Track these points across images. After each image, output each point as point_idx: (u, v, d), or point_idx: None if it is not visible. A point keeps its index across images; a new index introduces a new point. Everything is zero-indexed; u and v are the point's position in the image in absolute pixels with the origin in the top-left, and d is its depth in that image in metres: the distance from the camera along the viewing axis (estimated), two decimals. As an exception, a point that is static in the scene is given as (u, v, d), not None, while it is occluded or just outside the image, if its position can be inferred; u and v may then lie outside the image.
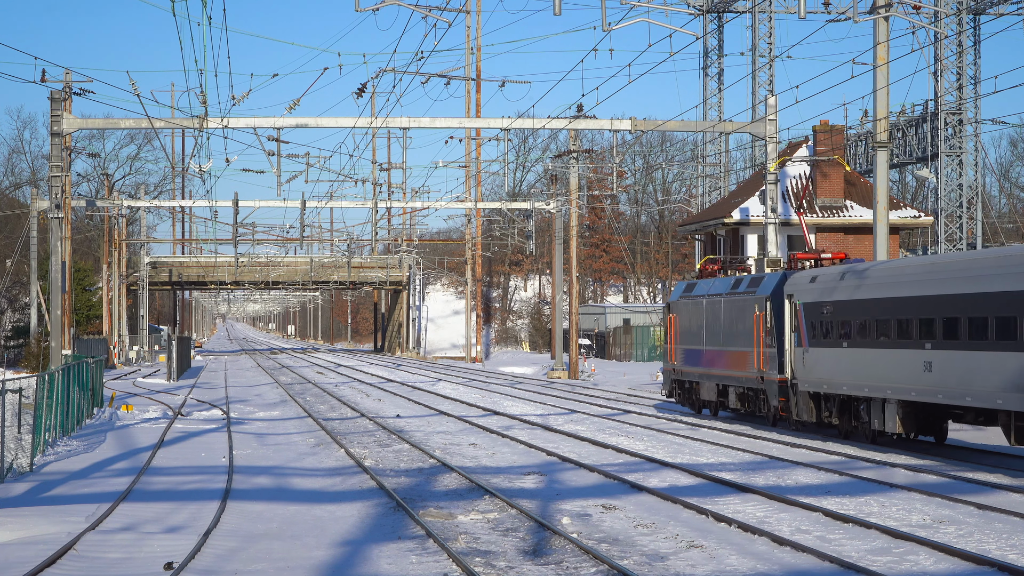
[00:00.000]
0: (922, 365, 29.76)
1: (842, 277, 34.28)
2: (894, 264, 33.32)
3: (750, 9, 79.97)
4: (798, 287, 36.53)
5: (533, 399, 54.66)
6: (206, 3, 36.40)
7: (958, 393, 28.40)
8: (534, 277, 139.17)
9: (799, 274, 37.18)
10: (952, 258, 30.86)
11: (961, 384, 28.33)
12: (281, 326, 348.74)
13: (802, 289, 36.20)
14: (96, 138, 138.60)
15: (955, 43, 70.56)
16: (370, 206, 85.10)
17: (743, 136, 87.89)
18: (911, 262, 32.72)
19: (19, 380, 31.42)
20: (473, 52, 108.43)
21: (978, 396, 27.64)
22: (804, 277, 36.49)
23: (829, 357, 34.35)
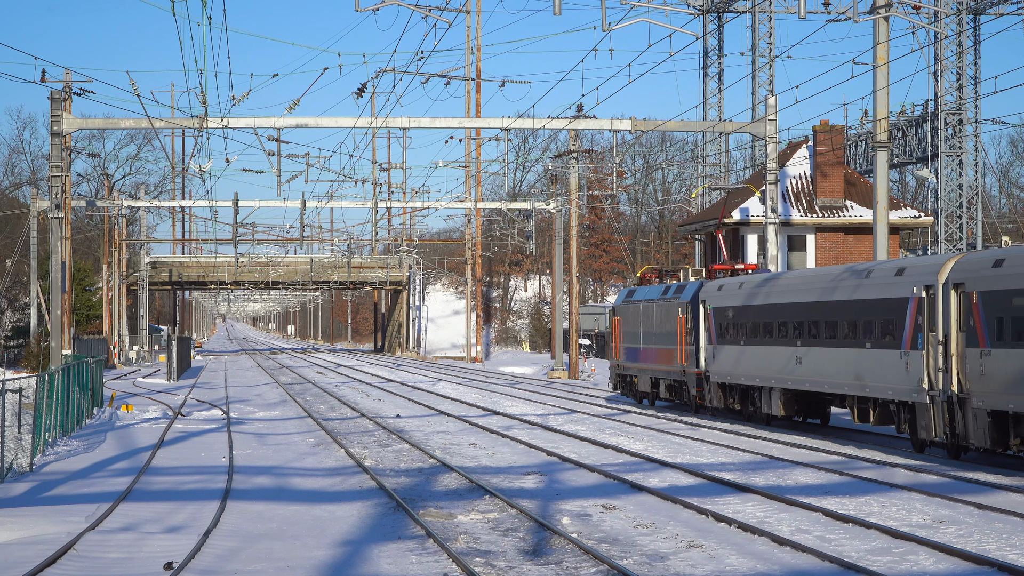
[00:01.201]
0: (795, 359, 36.03)
1: (740, 286, 40.47)
2: (777, 275, 39.63)
3: (750, 9, 79.98)
4: (709, 294, 42.63)
5: (533, 399, 54.66)
6: (206, 3, 36.41)
7: (819, 382, 34.81)
8: (534, 277, 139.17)
9: (711, 283, 43.29)
10: (816, 272, 37.52)
11: (822, 375, 34.61)
12: (281, 326, 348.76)
13: (712, 296, 42.33)
14: (96, 138, 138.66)
15: (955, 43, 70.57)
16: (370, 206, 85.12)
17: (743, 136, 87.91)
18: (790, 274, 39.59)
19: (19, 380, 31.42)
20: (473, 52, 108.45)
21: (833, 384, 34.09)
22: (714, 285, 42.73)
23: (731, 353, 40.45)
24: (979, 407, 27.50)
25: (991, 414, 27.17)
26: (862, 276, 32.91)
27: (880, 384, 31.62)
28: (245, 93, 51.87)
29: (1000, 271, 27.05)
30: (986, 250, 31.01)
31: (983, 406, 27.35)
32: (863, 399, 32.94)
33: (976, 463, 29.09)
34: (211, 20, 47.92)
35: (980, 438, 27.47)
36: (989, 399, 27.20)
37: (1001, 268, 27.03)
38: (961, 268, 28.58)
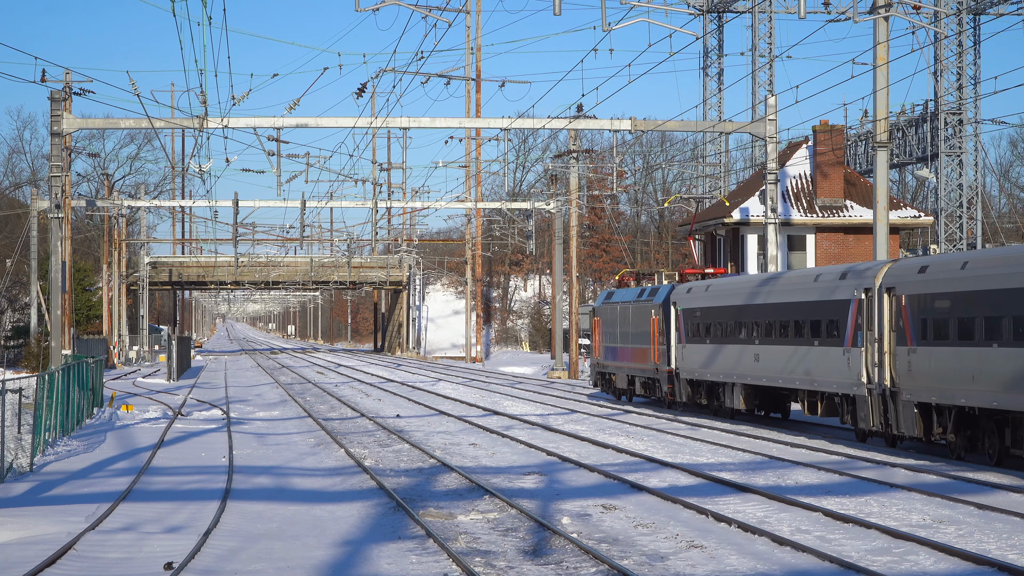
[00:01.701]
0: (754, 357, 38.85)
1: (707, 289, 43.39)
2: (739, 278, 43.01)
3: (750, 9, 79.97)
4: (679, 296, 45.36)
5: (533, 399, 54.67)
6: (206, 3, 36.41)
7: (775, 378, 37.61)
8: (534, 277, 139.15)
9: (681, 286, 45.97)
10: (773, 275, 40.72)
11: (777, 371, 37.38)
12: (281, 326, 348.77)
13: (682, 298, 45.10)
14: (96, 138, 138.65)
15: (955, 43, 70.57)
16: (370, 206, 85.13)
17: (743, 136, 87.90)
18: (749, 277, 42.43)
19: (19, 380, 31.42)
20: (473, 52, 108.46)
21: (786, 380, 36.87)
22: (684, 288, 45.40)
23: (699, 351, 43.32)
24: (908, 400, 30.44)
25: (918, 406, 30.10)
26: (811, 280, 35.98)
27: (826, 379, 34.41)
28: (245, 93, 51.88)
29: (924, 277, 30.05)
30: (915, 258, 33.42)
31: (911, 399, 30.30)
32: (812, 393, 35.81)
33: (910, 451, 31.72)
34: (211, 20, 47.91)
35: (909, 427, 30.40)
36: (916, 392, 30.12)
37: (925, 274, 30.07)
38: (892, 274, 31.54)
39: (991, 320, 27.27)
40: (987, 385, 27.54)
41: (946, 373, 28.99)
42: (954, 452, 29.49)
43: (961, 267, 28.85)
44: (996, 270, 27.57)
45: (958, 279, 28.78)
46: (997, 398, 27.17)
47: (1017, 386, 26.47)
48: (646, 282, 51.89)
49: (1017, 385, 26.47)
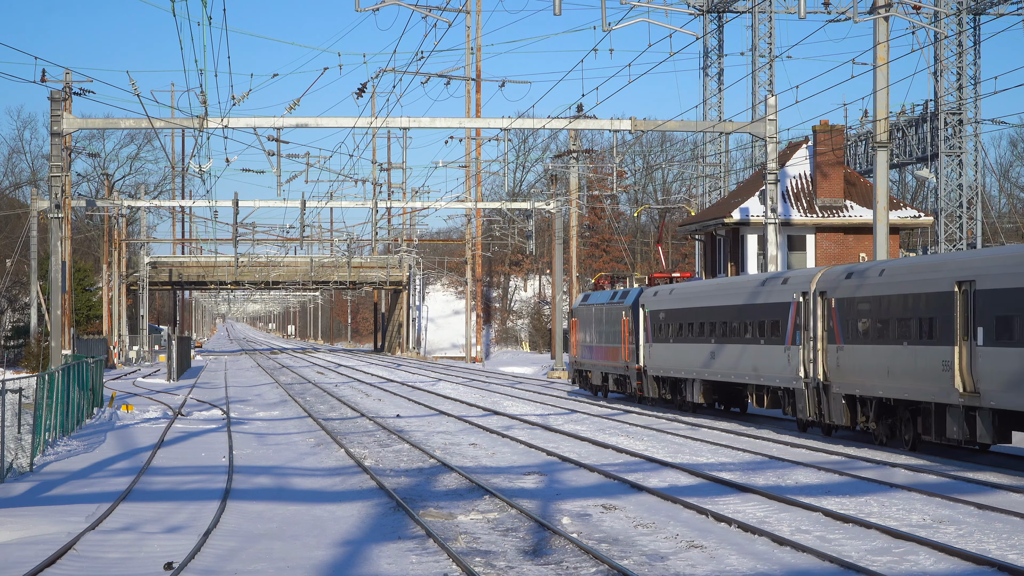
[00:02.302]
0: (710, 355, 42.07)
1: (671, 292, 46.56)
2: (698, 283, 46.39)
3: (750, 9, 79.95)
4: (647, 299, 48.46)
5: (533, 399, 54.67)
6: (206, 3, 36.41)
7: (728, 374, 40.82)
8: (534, 277, 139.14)
9: (649, 289, 49.09)
10: (727, 280, 46.19)
11: (730, 368, 40.63)
12: (281, 326, 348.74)
13: (649, 300, 48.22)
14: (96, 138, 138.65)
15: (955, 43, 70.55)
16: (370, 206, 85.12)
17: (743, 136, 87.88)
18: (707, 282, 46.53)
19: (19, 380, 31.42)
20: (473, 52, 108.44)
21: (738, 375, 40.18)
22: (651, 292, 48.45)
23: (663, 350, 46.54)
24: (837, 392, 34.01)
25: (845, 398, 33.67)
26: (759, 284, 39.35)
27: (771, 374, 37.83)
28: (245, 93, 51.88)
29: (850, 282, 33.55)
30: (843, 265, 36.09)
31: (839, 391, 33.88)
32: (759, 387, 39.37)
33: (843, 439, 34.85)
34: (211, 20, 47.91)
35: (839, 417, 33.96)
36: (843, 386, 33.68)
37: (851, 280, 33.56)
38: (825, 279, 34.96)
39: (902, 321, 30.79)
40: (900, 379, 30.92)
41: (867, 368, 32.42)
42: (877, 439, 32.70)
43: (879, 274, 32.23)
44: (907, 277, 31.02)
45: (877, 285, 32.18)
46: (908, 390, 30.56)
47: (923, 379, 29.78)
48: (619, 285, 55.48)
49: (923, 378, 29.78)
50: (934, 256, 33.50)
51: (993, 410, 27.63)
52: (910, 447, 31.22)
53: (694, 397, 43.75)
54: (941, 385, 29.04)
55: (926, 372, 29.59)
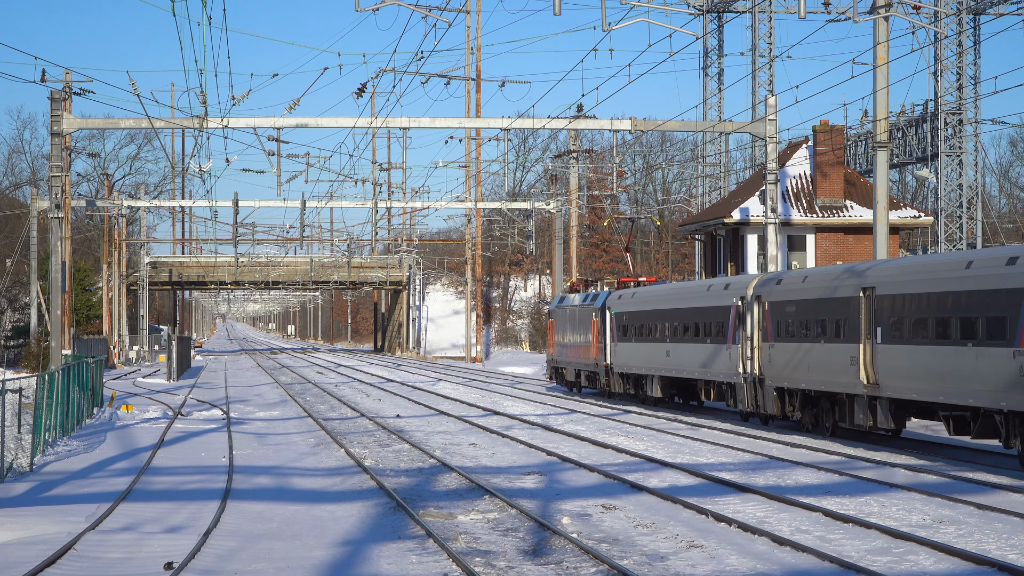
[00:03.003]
0: (665, 353, 46.30)
1: (633, 296, 50.67)
2: (656, 287, 50.48)
3: (750, 9, 79.94)
4: (613, 302, 52.46)
5: (533, 399, 54.68)
6: (206, 3, 36.42)
7: (681, 370, 45.00)
8: (534, 277, 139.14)
9: (615, 293, 52.95)
10: (679, 285, 50.22)
11: (683, 365, 44.72)
12: (281, 326, 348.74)
13: (615, 303, 52.22)
14: (96, 138, 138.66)
15: (955, 43, 70.55)
16: (370, 206, 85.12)
17: (743, 136, 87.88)
18: (663, 287, 50.36)
19: (19, 380, 31.42)
20: (473, 52, 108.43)
21: (689, 372, 44.21)
22: (616, 295, 52.56)
23: (627, 349, 50.63)
24: (769, 385, 37.89)
25: (776, 390, 37.59)
26: (705, 289, 43.41)
27: (716, 370, 41.72)
28: (245, 93, 51.89)
29: (779, 287, 37.37)
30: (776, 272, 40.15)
31: (771, 384, 37.74)
32: (707, 382, 43.21)
33: (779, 428, 38.35)
34: (211, 20, 47.93)
35: (771, 407, 37.77)
36: (774, 379, 37.58)
37: (780, 285, 37.41)
38: (760, 284, 38.83)
39: (819, 322, 34.81)
40: (819, 373, 34.85)
41: (793, 364, 36.39)
42: (804, 427, 36.68)
43: (803, 280, 36.26)
44: (823, 283, 34.97)
45: (800, 289, 36.19)
46: (825, 383, 34.49)
47: (837, 373, 33.62)
48: (592, 288, 59.27)
49: (837, 372, 33.62)
50: (846, 265, 36.08)
51: (890, 399, 31.71)
52: (831, 433, 35.11)
53: (653, 391, 47.90)
54: (849, 378, 33.00)
55: (838, 366, 33.50)
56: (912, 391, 30.31)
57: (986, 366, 27.25)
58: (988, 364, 27.17)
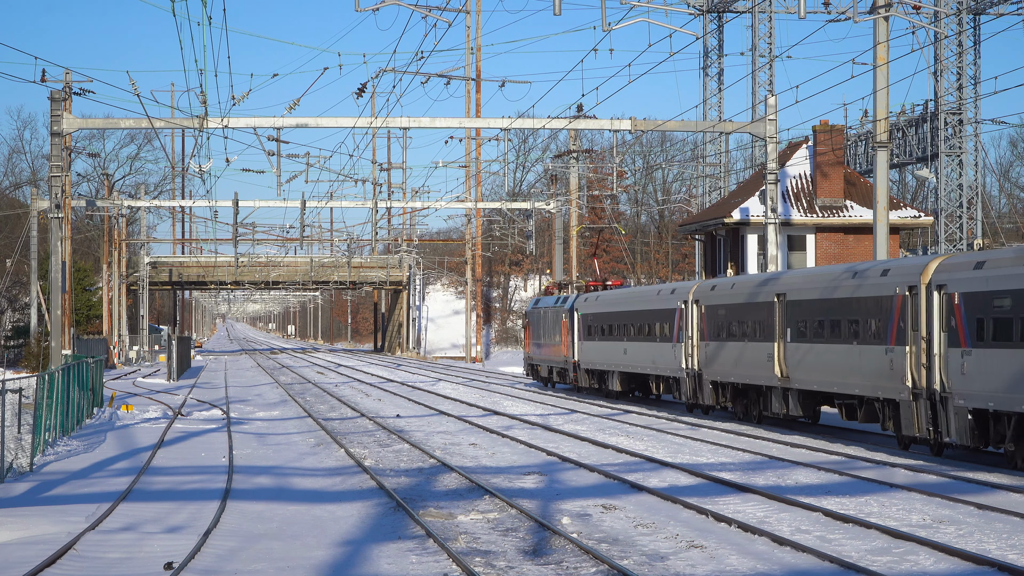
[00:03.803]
0: (623, 351, 50.87)
1: (597, 299, 55.33)
2: (615, 292, 55.00)
3: (750, 9, 79.92)
4: (580, 304, 57.03)
5: (533, 399, 54.69)
6: (206, 3, 36.41)
7: (636, 366, 49.53)
8: (534, 277, 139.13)
9: (582, 296, 57.61)
10: (633, 289, 56.38)
11: (638, 361, 49.24)
12: (281, 326, 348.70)
13: (582, 305, 56.78)
14: (96, 138, 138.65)
15: (955, 43, 70.53)
16: (370, 206, 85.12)
17: (743, 136, 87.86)
18: (621, 290, 55.21)
19: (19, 380, 31.41)
20: (473, 52, 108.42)
21: (642, 368, 48.80)
22: (583, 298, 57.13)
23: (592, 347, 55.12)
24: (707, 379, 42.63)
25: (712, 383, 42.26)
26: (656, 294, 48.36)
27: (664, 366, 46.22)
28: (245, 93, 51.89)
29: (713, 292, 42.53)
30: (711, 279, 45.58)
31: (708, 378, 42.49)
32: (658, 377, 47.85)
33: (719, 418, 42.56)
34: (211, 20, 47.92)
35: (709, 399, 42.58)
36: (711, 374, 42.24)
37: (714, 291, 42.48)
38: (698, 290, 43.80)
39: (744, 323, 39.49)
40: (744, 368, 39.57)
41: (725, 359, 41.02)
42: (736, 415, 41.45)
43: (731, 287, 41.37)
44: (747, 289, 39.71)
45: (730, 295, 41.07)
46: (749, 376, 39.18)
47: (758, 368, 38.27)
48: (565, 292, 64.28)
49: (758, 367, 38.27)
50: (765, 274, 41.84)
51: (799, 390, 36.35)
52: (757, 421, 39.92)
53: (614, 386, 52.38)
54: (767, 372, 37.69)
55: (759, 362, 38.21)
56: (815, 383, 35.34)
57: (866, 361, 32.26)
58: (868, 359, 32.20)
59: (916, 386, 30.05)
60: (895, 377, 30.76)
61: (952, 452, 30.97)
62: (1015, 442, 27.01)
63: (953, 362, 28.58)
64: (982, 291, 27.77)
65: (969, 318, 28.16)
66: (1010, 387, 26.59)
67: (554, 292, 65.58)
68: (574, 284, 64.05)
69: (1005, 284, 26.99)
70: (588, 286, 61.27)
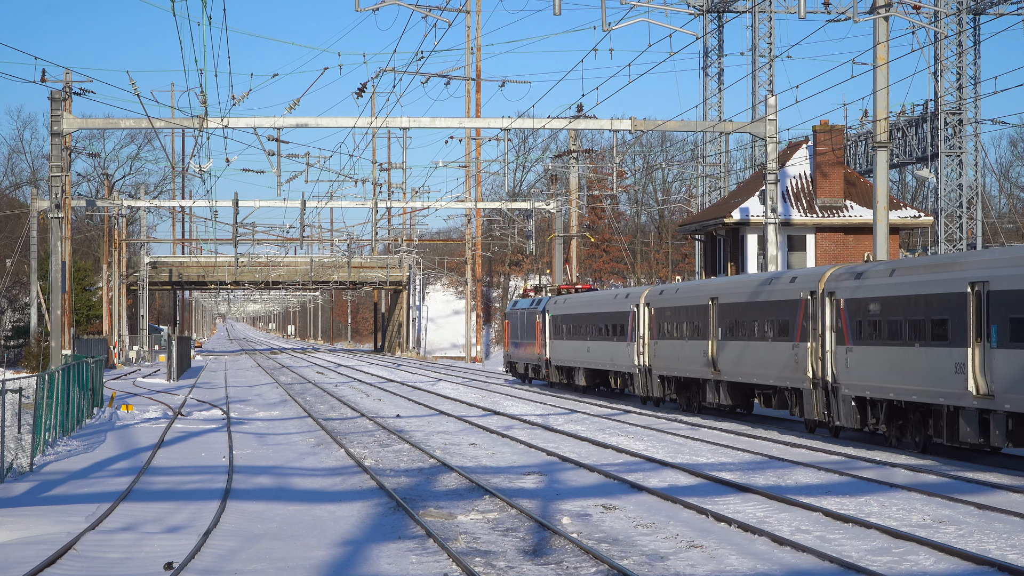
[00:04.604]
0: (587, 349, 55.88)
1: (565, 301, 60.26)
2: (580, 295, 59.87)
3: (750, 9, 79.92)
4: (551, 306, 62.25)
5: (533, 399, 54.70)
6: (206, 3, 36.41)
7: (597, 363, 54.34)
8: (534, 277, 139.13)
9: (553, 298, 62.82)
10: (595, 293, 60.12)
11: (599, 358, 54.05)
12: (281, 326, 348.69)
13: (552, 307, 62.02)
14: (96, 138, 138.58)
15: (955, 43, 70.53)
16: (370, 206, 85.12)
17: (743, 136, 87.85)
18: (584, 295, 59.54)
19: (19, 380, 31.41)
20: (473, 52, 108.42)
21: (603, 364, 53.59)
22: (554, 300, 62.38)
23: (561, 345, 60.19)
24: (655, 373, 47.51)
25: (659, 377, 47.17)
26: (612, 298, 53.49)
27: (620, 363, 50.92)
28: (245, 93, 51.88)
29: (661, 296, 47.33)
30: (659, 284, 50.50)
31: (656, 372, 47.36)
32: (616, 372, 52.65)
33: (670, 410, 46.80)
34: (211, 20, 47.92)
35: (657, 392, 47.39)
36: (658, 369, 47.21)
37: (661, 295, 47.33)
38: (648, 295, 48.49)
39: (689, 324, 43.83)
40: (686, 364, 44.21)
41: (670, 355, 45.83)
42: (681, 407, 45.98)
43: (675, 292, 46.11)
44: (689, 294, 44.77)
45: (674, 299, 45.84)
46: (690, 371, 44.08)
47: (696, 363, 43.03)
48: (539, 295, 69.15)
49: (696, 363, 43.02)
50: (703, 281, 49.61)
51: (728, 382, 41.06)
52: (697, 411, 44.57)
53: (580, 381, 57.51)
54: (704, 367, 42.45)
55: (697, 358, 42.97)
56: (740, 375, 39.96)
57: (779, 356, 36.92)
58: (780, 355, 36.85)
59: (815, 377, 35.09)
60: (799, 369, 35.67)
61: (847, 434, 35.96)
62: (887, 424, 31.98)
63: (840, 357, 33.79)
64: (859, 297, 32.85)
65: (851, 320, 33.25)
66: (880, 378, 31.68)
67: (531, 294, 71.01)
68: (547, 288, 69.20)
69: (876, 292, 32.06)
70: (560, 289, 66.27)
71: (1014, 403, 26.52)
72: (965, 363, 27.93)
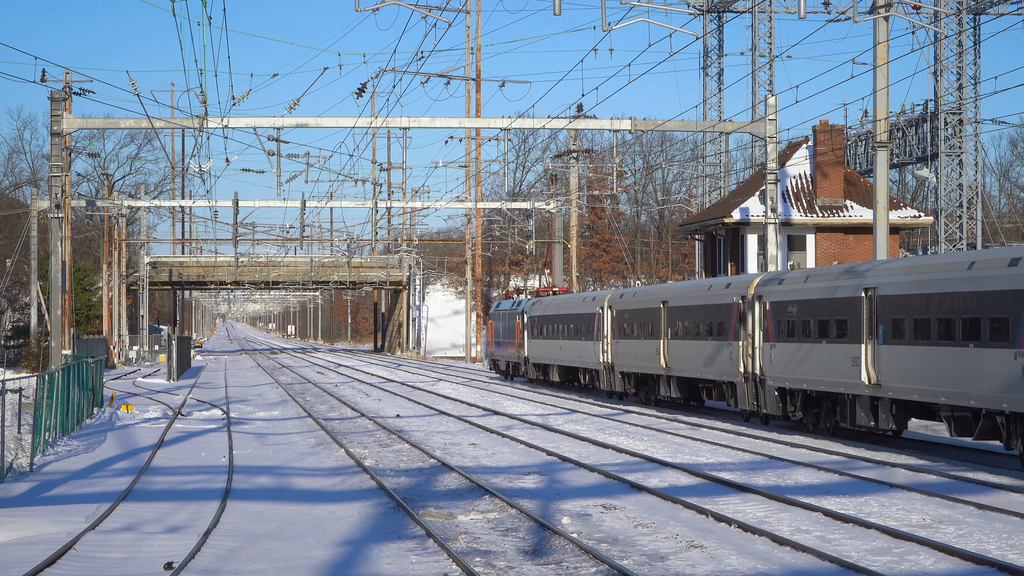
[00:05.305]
0: (560, 347, 60.08)
1: (541, 303, 64.33)
2: (553, 298, 63.54)
3: (750, 9, 79.91)
4: (529, 308, 66.55)
5: (533, 399, 54.69)
6: (206, 3, 36.41)
7: (569, 360, 58.46)
8: (534, 277, 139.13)
9: (531, 300, 67.20)
10: (568, 296, 63.07)
11: (570, 356, 58.31)
12: (281, 326, 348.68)
13: (530, 309, 66.31)
14: (96, 138, 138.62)
15: (955, 43, 70.53)
16: (370, 206, 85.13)
17: (743, 136, 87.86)
18: (557, 297, 62.93)
19: (19, 380, 31.41)
20: (473, 52, 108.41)
21: (573, 361, 57.80)
22: (532, 302, 66.64)
23: (538, 344, 64.82)
24: (616, 370, 51.61)
25: (621, 374, 51.26)
26: (581, 300, 57.67)
27: (587, 360, 55.22)
28: (245, 93, 51.89)
29: (621, 300, 51.56)
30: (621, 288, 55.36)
31: (618, 369, 51.46)
32: (584, 369, 56.68)
33: (628, 403, 50.90)
34: (211, 20, 47.93)
35: (619, 387, 51.56)
36: (619, 366, 51.37)
37: (622, 299, 51.55)
38: (611, 298, 52.77)
39: (645, 325, 47.90)
40: (642, 361, 48.31)
41: (630, 353, 49.79)
42: (640, 400, 49.98)
43: (633, 295, 50.66)
44: (643, 297, 49.15)
45: (633, 302, 50.00)
46: (646, 367, 47.87)
47: (651, 360, 46.96)
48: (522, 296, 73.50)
49: (651, 359, 47.01)
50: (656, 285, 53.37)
51: (677, 377, 45.19)
52: (654, 404, 48.70)
53: (554, 377, 61.87)
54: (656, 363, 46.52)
55: (652, 356, 46.97)
56: (687, 371, 44.20)
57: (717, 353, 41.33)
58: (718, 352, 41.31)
59: (746, 372, 39.23)
60: (734, 365, 39.84)
61: (776, 422, 39.98)
62: (802, 411, 36.26)
63: (766, 353, 37.84)
64: (781, 300, 36.88)
65: (775, 320, 37.24)
66: (797, 371, 35.87)
67: (513, 297, 76.33)
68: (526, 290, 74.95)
69: (794, 296, 36.23)
70: (538, 292, 71.24)
71: (896, 391, 30.97)
72: (860, 357, 32.42)
